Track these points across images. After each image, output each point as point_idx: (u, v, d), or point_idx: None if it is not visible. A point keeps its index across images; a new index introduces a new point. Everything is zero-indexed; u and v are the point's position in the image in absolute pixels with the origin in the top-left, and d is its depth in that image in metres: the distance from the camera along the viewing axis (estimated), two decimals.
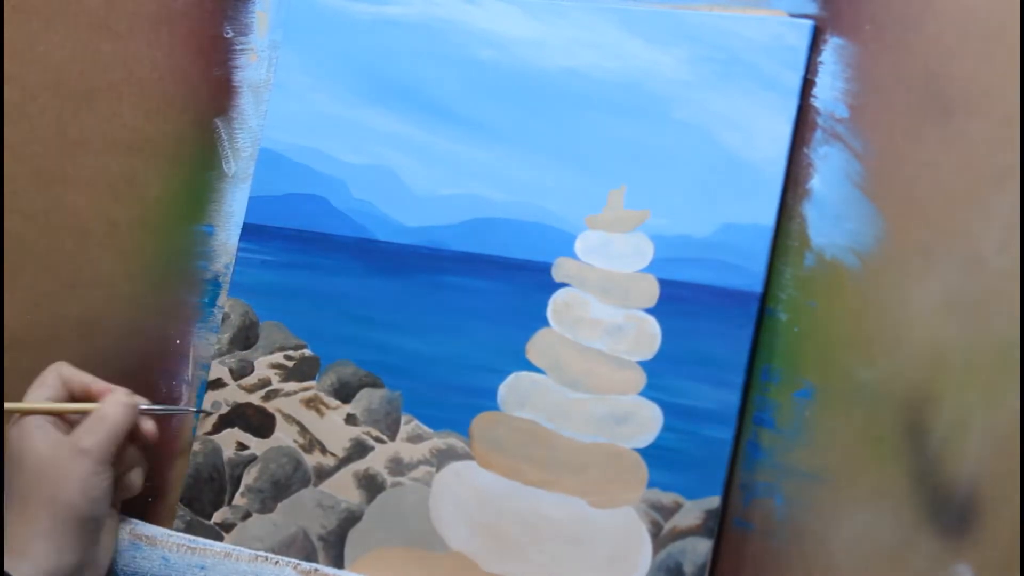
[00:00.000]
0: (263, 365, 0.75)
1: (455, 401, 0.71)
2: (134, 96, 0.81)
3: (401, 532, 0.71)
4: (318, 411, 0.74)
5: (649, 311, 0.68)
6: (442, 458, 0.71)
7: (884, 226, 0.64)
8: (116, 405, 0.70)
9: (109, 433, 0.69)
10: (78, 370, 0.73)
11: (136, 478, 0.73)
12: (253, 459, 0.74)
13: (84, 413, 0.70)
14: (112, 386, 0.72)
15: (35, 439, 0.69)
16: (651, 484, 0.66)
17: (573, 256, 0.70)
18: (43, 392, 0.71)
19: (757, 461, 0.65)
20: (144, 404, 0.73)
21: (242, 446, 0.75)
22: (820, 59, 0.67)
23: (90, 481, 0.68)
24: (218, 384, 0.76)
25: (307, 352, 0.75)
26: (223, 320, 0.76)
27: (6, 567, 0.66)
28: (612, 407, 0.68)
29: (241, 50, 0.79)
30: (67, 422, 0.71)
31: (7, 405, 0.71)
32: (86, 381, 0.72)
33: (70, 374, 0.72)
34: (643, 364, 0.67)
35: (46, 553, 0.67)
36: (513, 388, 0.70)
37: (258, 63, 0.79)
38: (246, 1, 0.79)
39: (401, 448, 0.72)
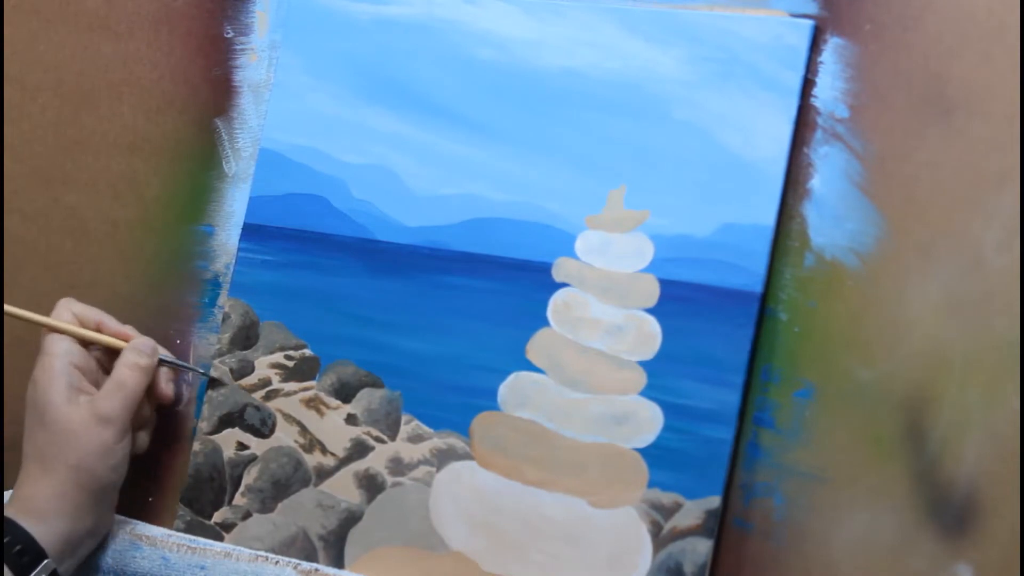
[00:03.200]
0: (263, 365, 0.75)
1: (455, 401, 0.71)
2: (134, 96, 0.81)
3: (401, 532, 0.71)
4: (318, 411, 0.74)
5: (649, 311, 0.68)
6: (442, 458, 0.71)
7: (884, 226, 0.64)
8: (134, 369, 0.71)
9: (128, 399, 0.70)
10: (88, 306, 0.73)
11: (144, 438, 0.74)
12: (253, 459, 0.74)
13: (109, 351, 0.72)
14: (127, 331, 0.73)
15: (59, 387, 0.69)
16: (651, 484, 0.66)
17: (573, 256, 0.70)
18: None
19: (757, 461, 0.65)
20: (161, 352, 0.74)
21: (242, 446, 0.75)
22: (820, 59, 0.67)
23: (112, 450, 0.69)
24: (218, 384, 0.76)
25: (307, 352, 0.75)
26: (223, 320, 0.76)
27: (25, 526, 0.67)
28: (612, 407, 0.68)
29: (241, 50, 0.79)
30: (93, 357, 0.72)
31: (38, 317, 0.72)
32: (97, 316, 0.73)
33: (81, 309, 0.73)
34: (643, 364, 0.67)
35: (66, 517, 0.68)
36: (513, 388, 0.70)
37: (258, 63, 0.79)
38: (246, 1, 0.79)
39: (401, 448, 0.72)
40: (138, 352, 0.72)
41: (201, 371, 0.76)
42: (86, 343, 0.73)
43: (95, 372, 0.73)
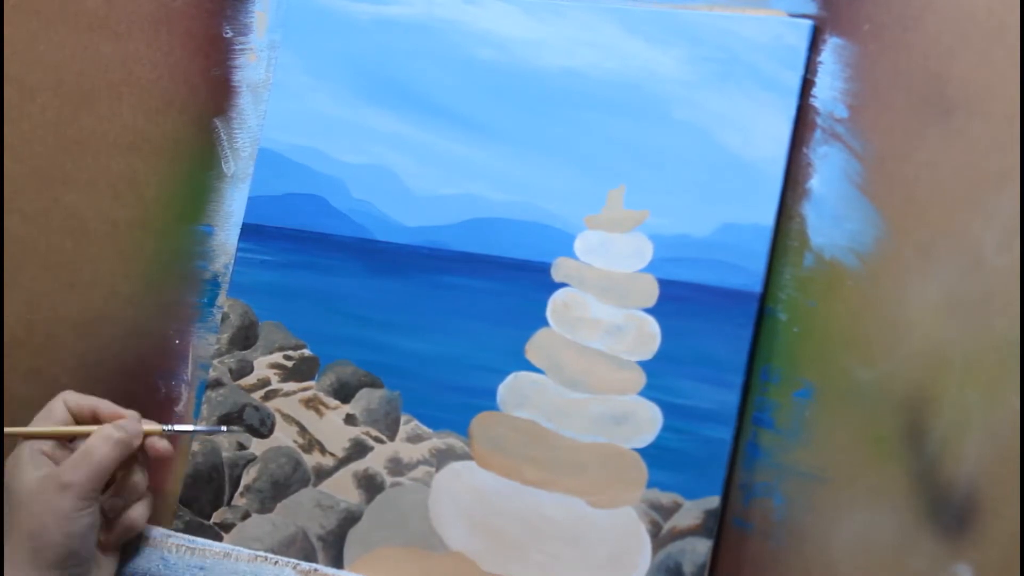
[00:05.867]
0: (262, 365, 0.75)
1: (454, 401, 0.71)
2: (134, 96, 0.81)
3: (400, 532, 0.71)
4: (317, 411, 0.74)
5: (648, 311, 0.68)
6: (441, 458, 0.71)
7: (884, 226, 0.64)
8: (103, 440, 0.68)
9: (93, 468, 0.67)
10: (85, 396, 0.71)
11: (138, 515, 0.71)
12: (252, 459, 0.74)
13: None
14: (119, 410, 0.71)
15: (24, 470, 0.68)
16: (651, 484, 0.66)
17: (572, 256, 0.70)
18: (48, 422, 0.70)
19: (756, 461, 0.65)
20: (150, 425, 0.72)
21: (241, 446, 0.75)
22: (819, 59, 0.67)
23: (71, 517, 0.66)
24: (217, 384, 0.76)
25: (306, 352, 0.75)
26: (222, 320, 0.76)
27: None
28: (611, 407, 0.68)
29: (240, 50, 0.79)
30: (69, 450, 0.70)
31: (8, 430, 0.70)
32: (92, 405, 0.71)
33: (77, 401, 0.71)
34: (642, 364, 0.67)
35: None
36: (512, 388, 0.70)
37: (257, 63, 0.79)
38: (245, 1, 0.79)
39: (400, 448, 0.72)
40: (115, 426, 0.69)
41: (220, 429, 0.74)
42: (69, 438, 0.71)
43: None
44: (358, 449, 0.73)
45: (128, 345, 0.79)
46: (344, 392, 0.73)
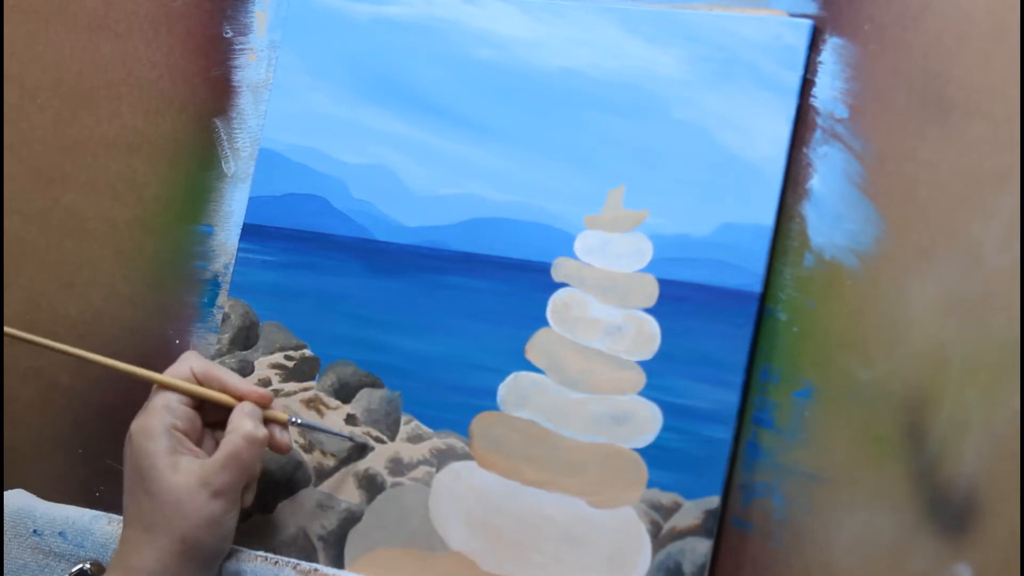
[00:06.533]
0: (263, 365, 0.75)
1: (455, 401, 0.71)
2: (133, 96, 0.81)
3: (401, 532, 0.71)
4: (318, 411, 0.74)
5: (648, 311, 0.68)
6: (442, 458, 0.71)
7: (884, 226, 0.64)
8: (251, 443, 0.67)
9: (243, 472, 0.67)
10: (210, 363, 0.70)
11: (249, 495, 0.70)
12: None
13: (217, 405, 0.69)
14: (252, 388, 0.70)
15: (162, 465, 0.66)
16: (651, 484, 0.66)
17: (572, 256, 0.70)
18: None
19: (756, 461, 0.65)
20: (274, 412, 0.70)
21: None
22: (819, 59, 0.67)
23: (221, 521, 0.66)
24: None
25: (307, 352, 0.75)
26: (223, 320, 0.76)
27: None
28: (611, 407, 0.68)
29: (240, 50, 0.79)
30: (199, 416, 0.70)
31: (150, 374, 0.69)
32: (219, 376, 0.70)
33: (203, 368, 0.70)
34: (642, 364, 0.67)
35: None
36: (512, 388, 0.70)
37: (257, 63, 0.79)
38: (245, 1, 0.79)
39: (401, 448, 0.72)
40: (254, 421, 0.68)
41: (346, 436, 0.72)
42: (195, 400, 0.69)
43: (198, 432, 0.70)
44: (359, 449, 0.73)
45: (128, 345, 0.79)
46: (345, 392, 0.73)
